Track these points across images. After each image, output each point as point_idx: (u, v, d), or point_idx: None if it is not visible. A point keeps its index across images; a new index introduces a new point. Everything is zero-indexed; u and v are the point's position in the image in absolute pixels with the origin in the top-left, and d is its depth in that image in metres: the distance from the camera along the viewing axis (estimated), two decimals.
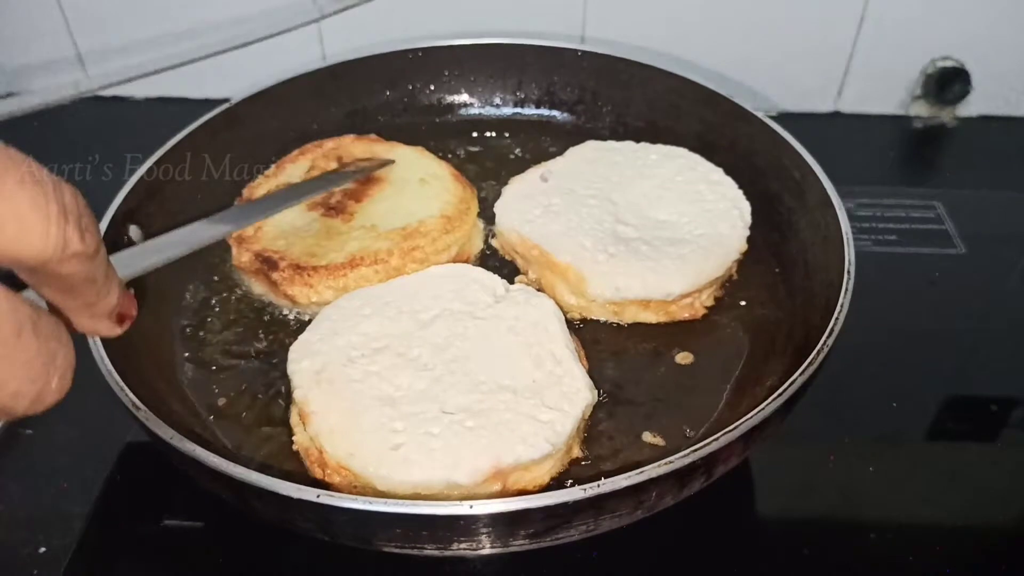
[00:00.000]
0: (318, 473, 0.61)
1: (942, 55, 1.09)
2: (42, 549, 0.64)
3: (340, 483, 0.60)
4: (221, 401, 0.69)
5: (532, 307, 0.69)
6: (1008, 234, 0.95)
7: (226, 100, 0.86)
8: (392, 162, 0.83)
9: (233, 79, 0.95)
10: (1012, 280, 0.89)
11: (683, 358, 0.73)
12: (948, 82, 1.09)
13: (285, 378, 0.66)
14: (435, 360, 0.65)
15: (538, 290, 0.74)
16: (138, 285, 0.69)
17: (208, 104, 0.85)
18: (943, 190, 1.00)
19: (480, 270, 0.73)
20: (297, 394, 0.63)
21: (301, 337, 0.68)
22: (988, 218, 0.97)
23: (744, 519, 0.68)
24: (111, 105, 1.12)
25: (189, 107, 1.05)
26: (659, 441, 0.66)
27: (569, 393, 0.63)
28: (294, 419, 0.65)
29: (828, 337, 0.61)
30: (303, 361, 0.65)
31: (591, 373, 0.67)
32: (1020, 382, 0.78)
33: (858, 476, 0.69)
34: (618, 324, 0.75)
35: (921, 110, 1.14)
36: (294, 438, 0.64)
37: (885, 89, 1.13)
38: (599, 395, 0.67)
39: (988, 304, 0.86)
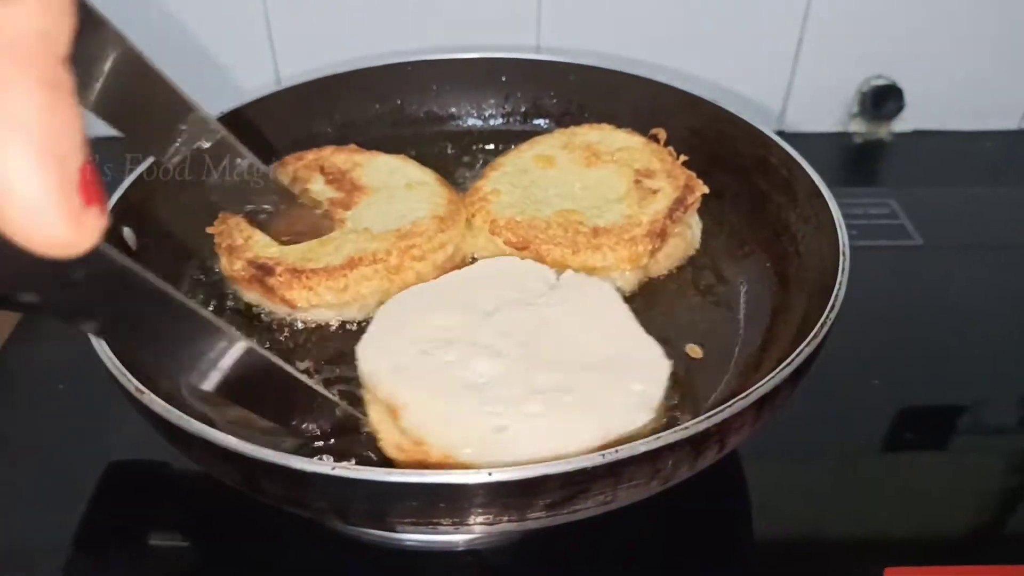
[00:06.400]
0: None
1: (875, 74, 1.10)
2: None
3: None
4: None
5: (588, 288, 0.67)
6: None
7: None
8: None
9: None
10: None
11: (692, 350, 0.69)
12: (882, 99, 1.10)
13: None
14: (507, 345, 0.61)
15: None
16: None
17: None
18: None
19: (528, 261, 0.70)
20: (382, 391, 0.58)
21: (364, 337, 0.63)
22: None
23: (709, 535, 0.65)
24: None
25: None
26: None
27: (648, 362, 0.61)
28: (375, 418, 0.59)
29: (831, 311, 0.58)
30: (377, 360, 0.61)
31: None
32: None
33: (819, 488, 0.68)
34: None
35: (859, 127, 1.14)
36: (380, 436, 0.58)
37: (825, 108, 1.13)
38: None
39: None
